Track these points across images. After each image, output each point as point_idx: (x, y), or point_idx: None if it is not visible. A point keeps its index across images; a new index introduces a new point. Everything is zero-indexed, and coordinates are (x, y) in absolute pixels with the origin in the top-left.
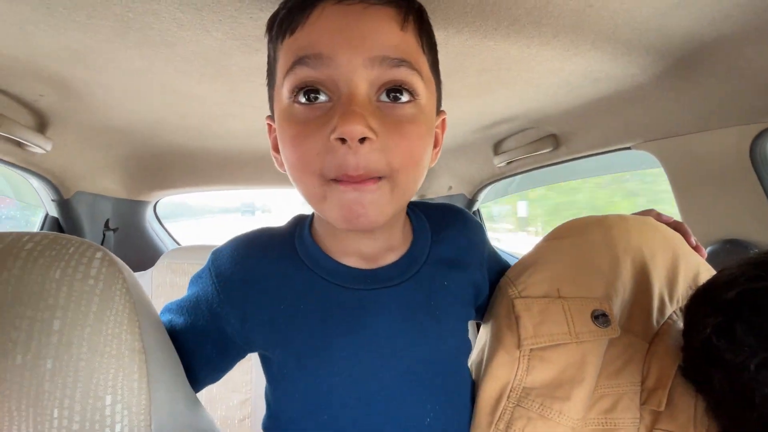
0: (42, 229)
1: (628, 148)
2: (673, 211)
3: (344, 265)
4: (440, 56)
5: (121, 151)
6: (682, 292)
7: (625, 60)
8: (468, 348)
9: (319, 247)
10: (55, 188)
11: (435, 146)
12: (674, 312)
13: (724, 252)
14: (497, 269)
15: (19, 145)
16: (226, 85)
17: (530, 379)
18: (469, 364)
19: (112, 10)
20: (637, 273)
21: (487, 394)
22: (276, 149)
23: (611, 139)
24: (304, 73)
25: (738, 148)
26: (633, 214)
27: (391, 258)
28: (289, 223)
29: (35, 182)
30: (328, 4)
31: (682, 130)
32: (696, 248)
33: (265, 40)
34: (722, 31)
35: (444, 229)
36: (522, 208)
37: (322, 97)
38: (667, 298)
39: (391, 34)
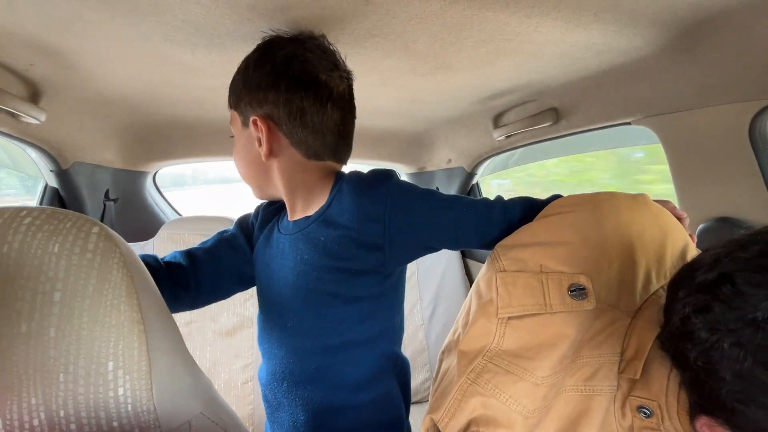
0: (42, 199)
1: (628, 123)
2: (669, 188)
3: (285, 219)
4: (437, 28)
5: (118, 122)
6: (670, 268)
7: (628, 32)
8: (350, 309)
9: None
10: (53, 159)
11: (260, 144)
12: (661, 287)
13: (716, 230)
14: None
15: (13, 115)
16: (221, 56)
17: (505, 343)
18: (455, 321)
19: None
20: (625, 250)
21: (467, 350)
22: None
23: (612, 114)
24: None
25: (737, 125)
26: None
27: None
28: None
29: (33, 153)
30: None
31: (682, 105)
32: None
33: (256, 8)
34: (730, 3)
35: (347, 195)
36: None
37: None
38: (653, 275)
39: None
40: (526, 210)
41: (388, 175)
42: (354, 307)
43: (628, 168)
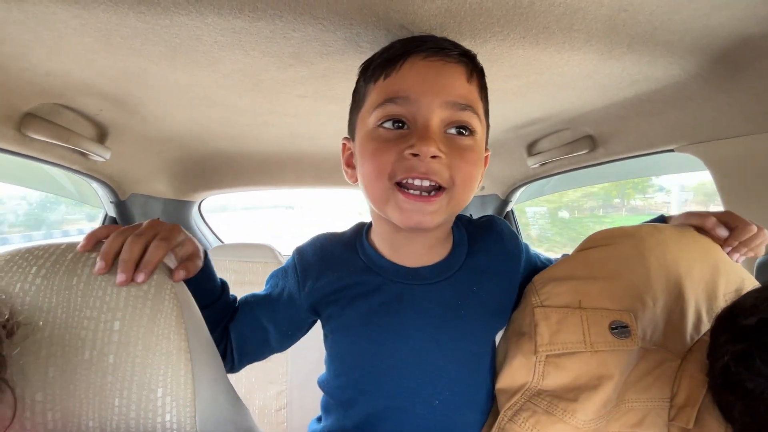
0: None
1: (671, 150)
2: None
3: (392, 262)
4: None
5: (170, 157)
6: (722, 307)
7: (664, 61)
8: (490, 358)
9: (374, 248)
10: (113, 191)
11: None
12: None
13: None
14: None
15: (83, 154)
16: (264, 96)
17: (546, 383)
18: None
19: (162, 37)
20: (671, 287)
21: (505, 387)
22: (348, 164)
23: (652, 141)
24: (391, 109)
25: None
26: (675, 216)
27: (431, 261)
28: (351, 229)
29: (96, 186)
30: (417, 58)
31: (730, 132)
32: (754, 236)
33: (298, 55)
34: None
35: (480, 240)
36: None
37: (403, 127)
38: (704, 314)
39: (461, 86)
40: None
41: None
42: None
43: None
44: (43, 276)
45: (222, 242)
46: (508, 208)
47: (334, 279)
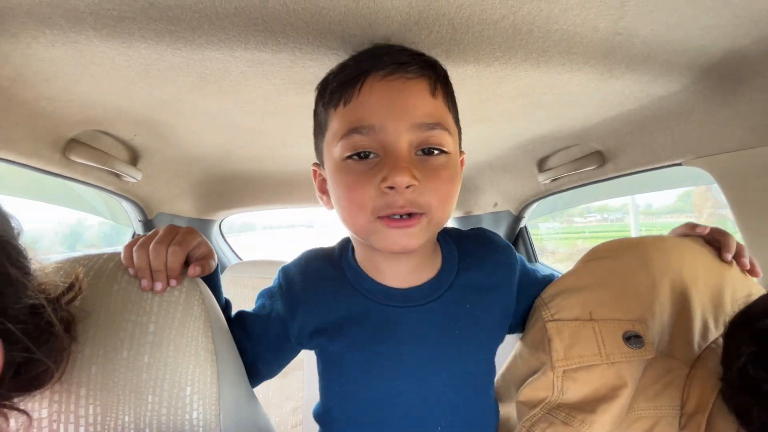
0: None
1: (679, 164)
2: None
3: (380, 284)
4: (474, 86)
5: (194, 177)
6: (730, 314)
7: (664, 79)
8: (490, 377)
9: (360, 268)
10: (142, 210)
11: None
12: (720, 336)
13: None
14: (535, 287)
15: (117, 176)
16: (284, 120)
17: (566, 397)
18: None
19: (194, 69)
20: (677, 296)
21: (526, 401)
22: (322, 191)
23: (659, 155)
24: (357, 140)
25: None
26: (676, 227)
27: (420, 281)
28: (338, 244)
29: (126, 205)
30: (374, 79)
31: (736, 145)
32: (750, 267)
33: (316, 81)
34: (766, 48)
35: (471, 255)
36: None
37: (372, 155)
38: (711, 323)
39: (426, 104)
40: None
41: None
42: None
43: None
44: (87, 282)
45: (240, 260)
46: (522, 225)
47: (322, 307)
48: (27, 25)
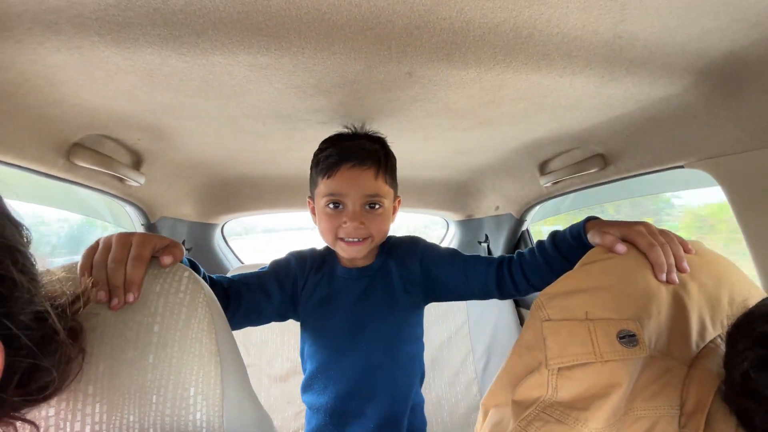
0: None
1: (681, 167)
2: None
3: (344, 267)
4: (475, 90)
5: (196, 181)
6: (728, 315)
7: (665, 82)
8: (411, 331)
9: (337, 259)
10: (145, 214)
11: (393, 212)
12: (718, 336)
13: None
14: (436, 256)
15: (120, 180)
16: (286, 124)
17: (560, 395)
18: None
19: (198, 74)
20: (674, 296)
21: (520, 400)
22: (313, 214)
23: (661, 158)
24: (333, 199)
25: None
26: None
27: (363, 265)
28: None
29: (129, 209)
30: (346, 167)
31: (736, 148)
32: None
33: (318, 86)
34: (766, 51)
35: (394, 249)
36: None
37: (340, 206)
38: (708, 322)
39: (372, 184)
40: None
41: None
42: None
43: None
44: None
45: (242, 263)
46: (524, 228)
47: (311, 284)
48: (33, 31)
